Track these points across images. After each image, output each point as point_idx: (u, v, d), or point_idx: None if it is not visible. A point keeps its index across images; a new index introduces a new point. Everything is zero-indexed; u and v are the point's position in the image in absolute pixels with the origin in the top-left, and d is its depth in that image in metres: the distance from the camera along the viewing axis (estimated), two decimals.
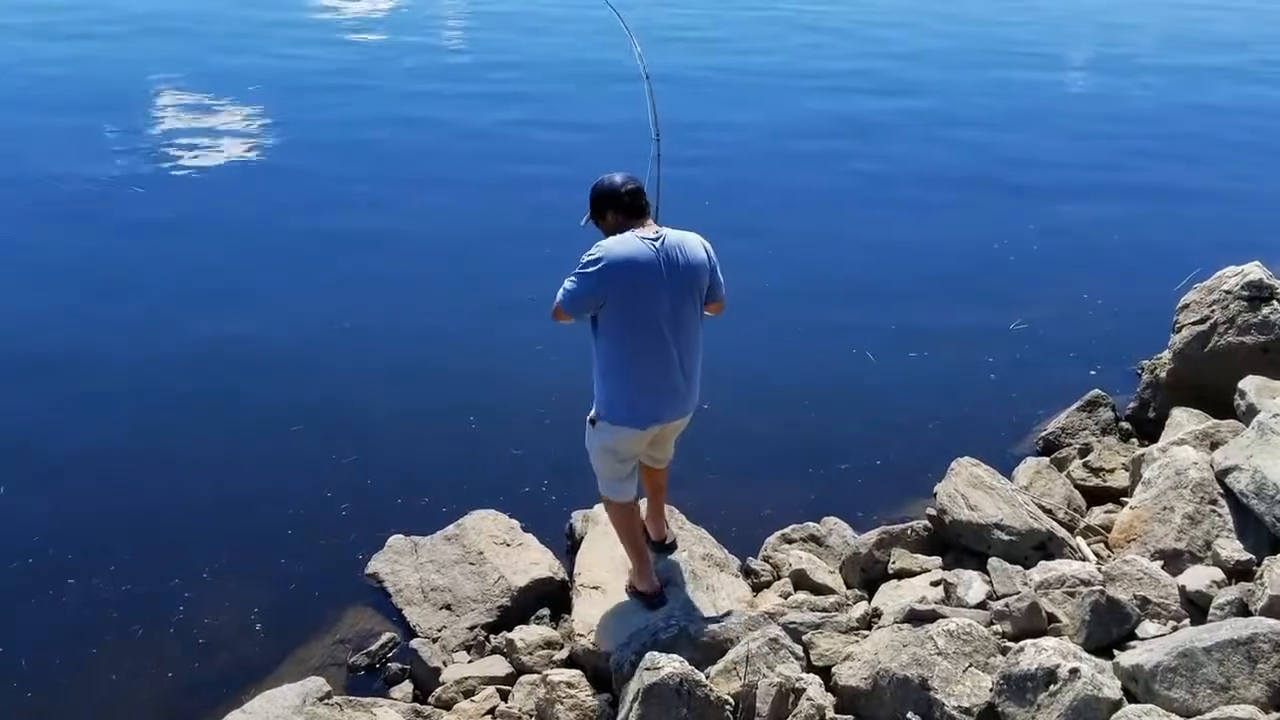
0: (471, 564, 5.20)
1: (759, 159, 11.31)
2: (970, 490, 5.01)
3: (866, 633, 4.23)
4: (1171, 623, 4.00)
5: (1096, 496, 5.55)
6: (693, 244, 4.18)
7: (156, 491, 5.84)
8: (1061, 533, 4.87)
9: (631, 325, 4.12)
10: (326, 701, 4.20)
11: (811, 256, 8.90)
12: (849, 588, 4.98)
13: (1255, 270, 6.05)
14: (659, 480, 4.81)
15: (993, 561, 4.56)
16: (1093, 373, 6.92)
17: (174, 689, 4.65)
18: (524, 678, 4.55)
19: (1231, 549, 4.34)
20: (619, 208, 4.15)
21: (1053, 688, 3.43)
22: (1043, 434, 6.33)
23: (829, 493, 5.90)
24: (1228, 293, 5.99)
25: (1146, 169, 11.23)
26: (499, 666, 4.68)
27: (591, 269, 4.03)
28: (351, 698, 4.37)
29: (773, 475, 6.09)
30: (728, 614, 4.50)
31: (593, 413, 4.33)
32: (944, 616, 3.97)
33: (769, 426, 6.56)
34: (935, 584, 4.66)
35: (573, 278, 4.10)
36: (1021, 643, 3.68)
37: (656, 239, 4.10)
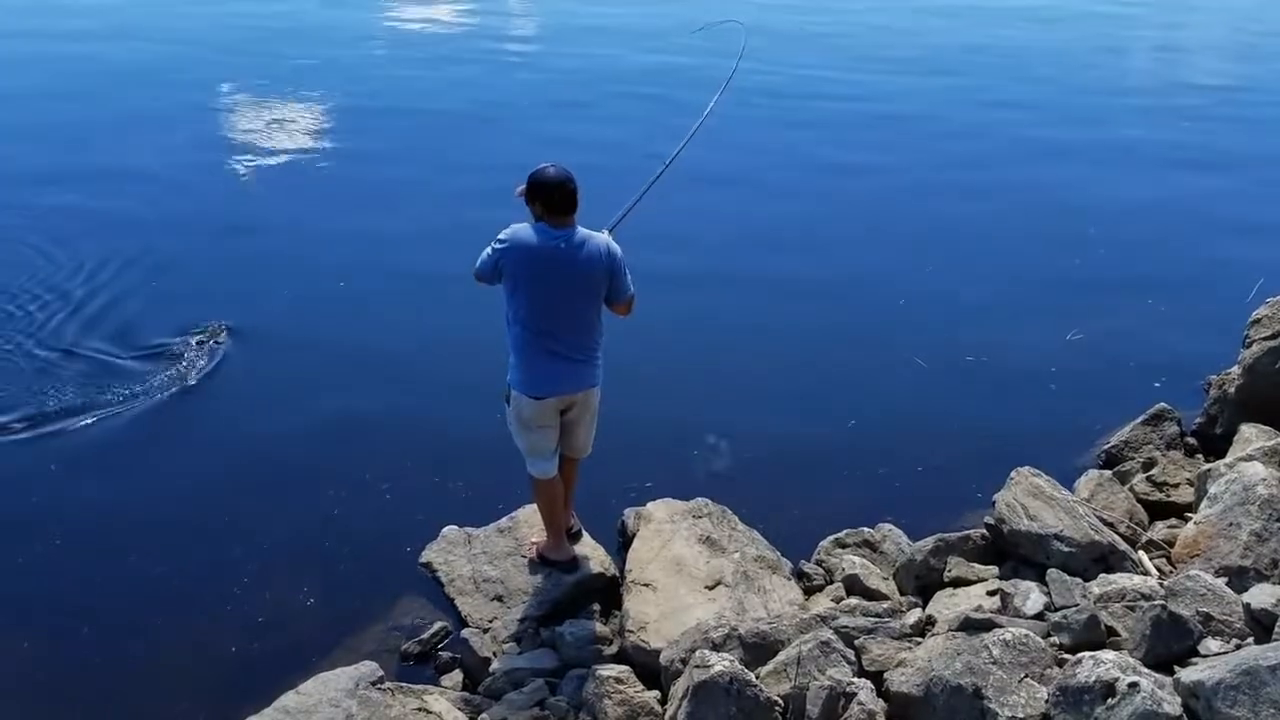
0: (524, 557, 5.24)
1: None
2: (1030, 500, 4.94)
3: (919, 639, 4.19)
4: (1234, 640, 3.91)
5: (1160, 511, 5.44)
6: (594, 244, 4.60)
7: (218, 478, 5.97)
8: (1123, 546, 4.78)
9: (526, 306, 4.60)
10: (379, 686, 4.25)
11: (867, 261, 8.85)
12: (902, 594, 4.93)
13: None
14: (569, 472, 5.15)
15: (1051, 573, 4.48)
16: (1157, 385, 6.78)
17: (231, 667, 4.75)
18: (573, 671, 4.57)
19: None
20: (547, 204, 4.53)
21: (1110, 701, 3.38)
22: (1105, 447, 6.20)
23: (883, 499, 5.85)
24: None
25: (1212, 177, 11.01)
26: (548, 659, 4.71)
27: (498, 247, 4.60)
28: (403, 684, 4.43)
29: (827, 479, 6.06)
30: (779, 616, 4.48)
31: (506, 391, 4.80)
32: (1000, 626, 3.92)
33: (824, 430, 6.52)
34: (991, 593, 4.60)
35: (487, 249, 4.64)
36: (1080, 654, 3.62)
37: (563, 235, 4.53)
